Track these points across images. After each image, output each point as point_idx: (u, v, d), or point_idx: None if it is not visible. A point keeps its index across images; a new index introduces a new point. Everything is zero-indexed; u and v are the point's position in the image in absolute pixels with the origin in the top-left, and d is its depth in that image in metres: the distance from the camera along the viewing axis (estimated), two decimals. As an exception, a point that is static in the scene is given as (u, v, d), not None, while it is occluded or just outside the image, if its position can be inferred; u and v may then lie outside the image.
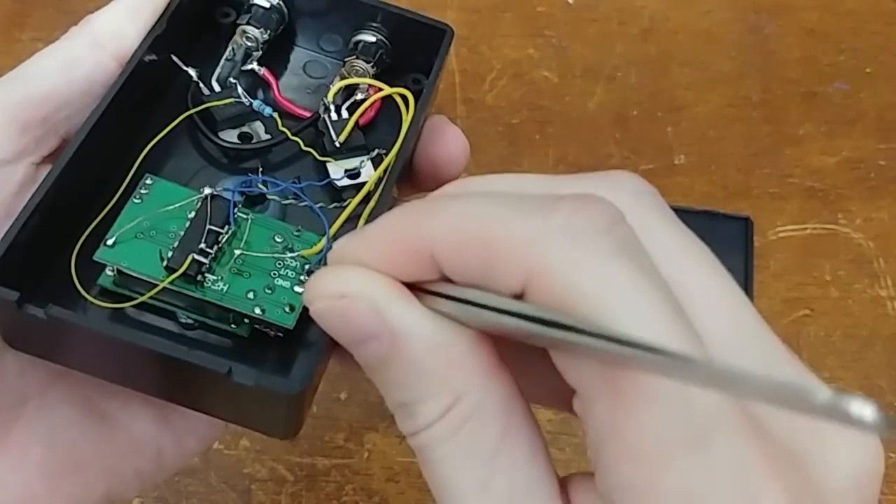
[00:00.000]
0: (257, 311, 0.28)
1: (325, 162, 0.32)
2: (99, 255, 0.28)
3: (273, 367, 0.29)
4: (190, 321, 0.29)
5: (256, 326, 0.29)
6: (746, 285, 0.55)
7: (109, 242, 0.28)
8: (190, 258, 0.27)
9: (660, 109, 0.61)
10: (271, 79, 0.33)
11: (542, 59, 0.63)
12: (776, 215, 0.57)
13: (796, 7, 0.65)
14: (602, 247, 0.19)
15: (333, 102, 0.32)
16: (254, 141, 0.32)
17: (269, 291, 0.28)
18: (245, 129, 0.33)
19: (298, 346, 0.29)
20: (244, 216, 0.29)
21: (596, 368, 0.19)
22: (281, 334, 0.28)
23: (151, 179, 0.29)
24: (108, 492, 0.30)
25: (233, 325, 0.29)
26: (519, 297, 0.20)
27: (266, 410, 0.26)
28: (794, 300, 0.55)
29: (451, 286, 0.21)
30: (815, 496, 0.19)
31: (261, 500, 0.49)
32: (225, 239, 0.28)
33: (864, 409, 0.13)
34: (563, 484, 0.21)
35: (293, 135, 0.32)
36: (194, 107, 0.32)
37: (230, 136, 0.32)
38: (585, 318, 0.18)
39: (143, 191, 0.29)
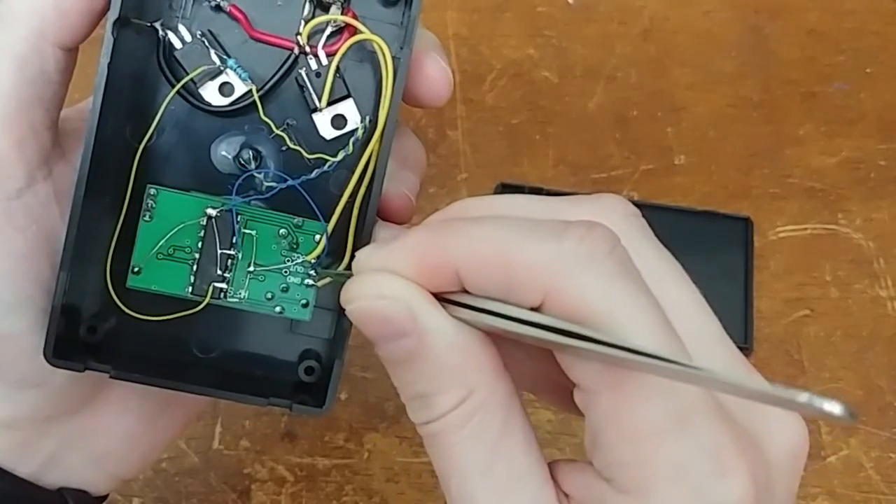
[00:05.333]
0: (277, 309, 0.33)
1: (311, 112, 0.32)
2: (131, 284, 0.32)
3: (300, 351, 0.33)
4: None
5: None
6: (746, 285, 0.55)
7: (136, 270, 0.32)
8: (211, 288, 0.32)
9: (660, 109, 0.61)
10: (240, 15, 0.31)
11: (542, 59, 0.63)
12: (776, 215, 0.58)
13: (796, 7, 0.65)
14: (608, 269, 0.23)
15: (308, 43, 0.31)
16: (235, 92, 0.32)
17: (285, 290, 0.33)
18: (224, 77, 0.32)
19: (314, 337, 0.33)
20: (250, 232, 0.32)
21: (598, 368, 0.23)
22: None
23: (155, 189, 0.32)
24: (189, 416, 0.37)
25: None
26: (536, 309, 0.23)
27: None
28: (794, 300, 0.55)
29: (471, 297, 0.24)
30: (766, 468, 0.24)
31: (261, 500, 0.49)
32: (237, 260, 0.32)
33: (833, 406, 0.17)
34: (551, 468, 0.25)
35: (261, 101, 0.31)
36: (166, 64, 0.31)
37: (211, 89, 0.32)
38: (597, 330, 0.22)
39: (150, 203, 0.32)
